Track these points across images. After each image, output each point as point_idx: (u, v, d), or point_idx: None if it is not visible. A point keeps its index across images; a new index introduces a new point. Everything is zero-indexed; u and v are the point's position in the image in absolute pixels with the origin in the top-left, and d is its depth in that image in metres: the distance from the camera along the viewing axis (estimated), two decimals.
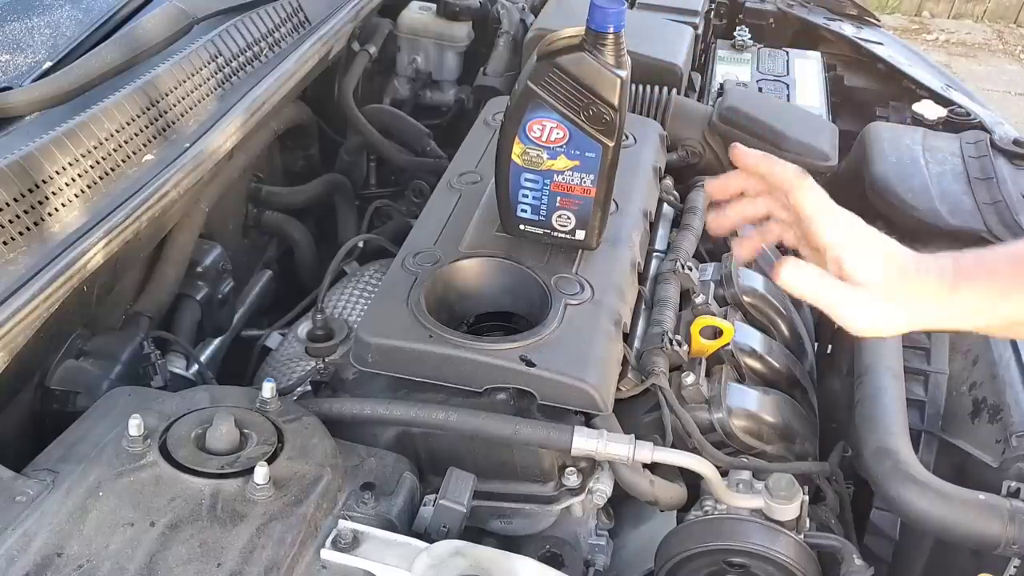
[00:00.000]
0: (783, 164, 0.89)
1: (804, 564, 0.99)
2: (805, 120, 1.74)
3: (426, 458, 1.06)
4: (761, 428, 1.17)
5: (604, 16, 1.02)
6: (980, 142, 1.73)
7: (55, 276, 1.03)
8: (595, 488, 1.06)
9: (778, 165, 0.89)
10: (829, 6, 2.38)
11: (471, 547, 0.85)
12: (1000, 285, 0.82)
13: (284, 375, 1.40)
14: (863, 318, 0.84)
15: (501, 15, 2.10)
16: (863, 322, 0.84)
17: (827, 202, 0.87)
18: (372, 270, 1.60)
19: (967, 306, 0.83)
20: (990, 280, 0.83)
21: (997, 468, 1.16)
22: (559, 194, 1.14)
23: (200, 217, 1.46)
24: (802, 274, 0.84)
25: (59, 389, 1.15)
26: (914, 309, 0.83)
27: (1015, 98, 5.23)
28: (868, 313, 0.84)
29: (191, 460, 0.90)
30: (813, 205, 0.86)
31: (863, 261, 0.84)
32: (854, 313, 0.84)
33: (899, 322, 0.84)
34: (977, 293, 0.82)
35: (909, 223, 1.57)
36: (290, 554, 0.84)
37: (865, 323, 0.84)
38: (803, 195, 0.86)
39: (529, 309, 1.14)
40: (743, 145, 0.92)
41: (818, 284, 0.84)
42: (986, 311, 0.83)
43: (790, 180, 0.88)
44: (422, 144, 1.88)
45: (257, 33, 1.52)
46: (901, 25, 5.98)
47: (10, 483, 0.89)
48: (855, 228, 0.86)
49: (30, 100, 1.17)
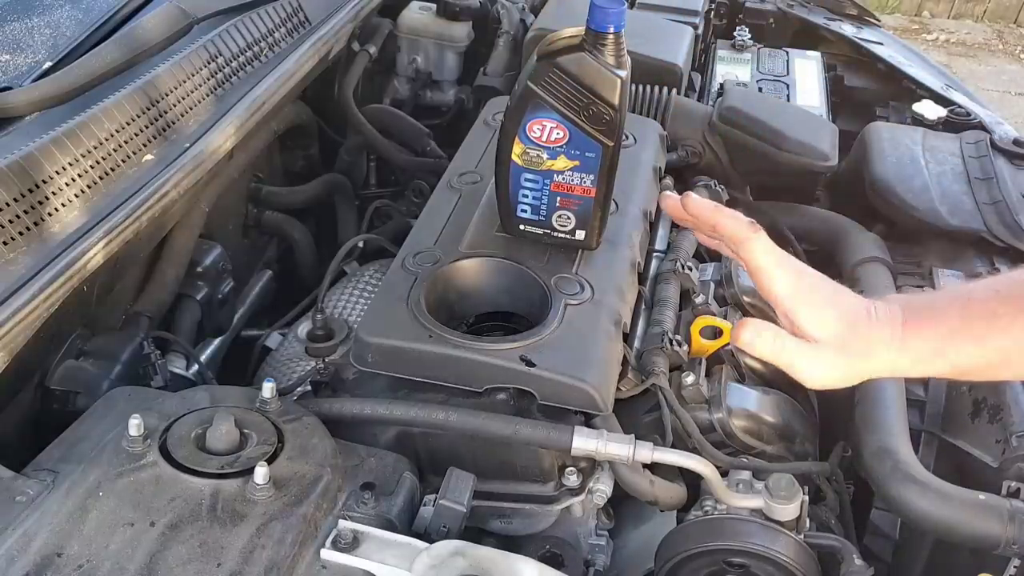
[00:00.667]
0: (735, 216, 0.88)
1: (804, 564, 0.99)
2: (805, 120, 1.73)
3: (426, 458, 1.06)
4: (761, 428, 1.17)
5: (604, 16, 1.02)
6: (980, 142, 1.73)
7: (55, 276, 1.03)
8: (595, 488, 1.06)
9: (730, 218, 0.88)
10: (829, 6, 2.38)
11: (471, 547, 0.85)
12: (949, 332, 0.81)
13: (284, 375, 1.40)
14: (817, 373, 0.84)
15: (501, 15, 2.09)
16: (818, 377, 0.84)
17: (778, 255, 0.86)
18: (372, 270, 1.60)
19: (918, 353, 0.82)
20: (939, 327, 0.82)
21: (997, 468, 1.16)
22: (559, 194, 1.14)
23: (200, 217, 1.46)
24: (759, 338, 0.84)
25: (59, 389, 1.15)
26: (867, 360, 0.83)
27: (1015, 98, 5.23)
28: (822, 369, 0.84)
29: (191, 460, 0.90)
30: (763, 259, 0.86)
31: (814, 315, 0.84)
32: (809, 369, 0.84)
33: (853, 375, 0.85)
34: (927, 340, 0.82)
35: (909, 223, 1.57)
36: (290, 554, 0.84)
37: (820, 378, 0.84)
38: (753, 248, 0.86)
39: (529, 309, 1.14)
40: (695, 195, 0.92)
41: (774, 346, 0.84)
42: (937, 358, 0.82)
43: (741, 233, 0.87)
44: (422, 144, 1.88)
45: (257, 33, 1.52)
46: (901, 25, 5.98)
47: (10, 483, 0.89)
48: (805, 281, 0.86)
49: (30, 100, 1.17)
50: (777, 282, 0.85)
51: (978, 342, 0.80)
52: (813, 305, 0.84)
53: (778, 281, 0.85)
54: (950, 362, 0.82)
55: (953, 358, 0.82)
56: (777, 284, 0.85)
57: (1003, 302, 0.80)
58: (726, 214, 0.89)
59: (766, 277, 0.86)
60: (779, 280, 0.85)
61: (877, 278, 1.44)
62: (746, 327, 0.85)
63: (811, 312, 0.84)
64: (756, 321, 0.86)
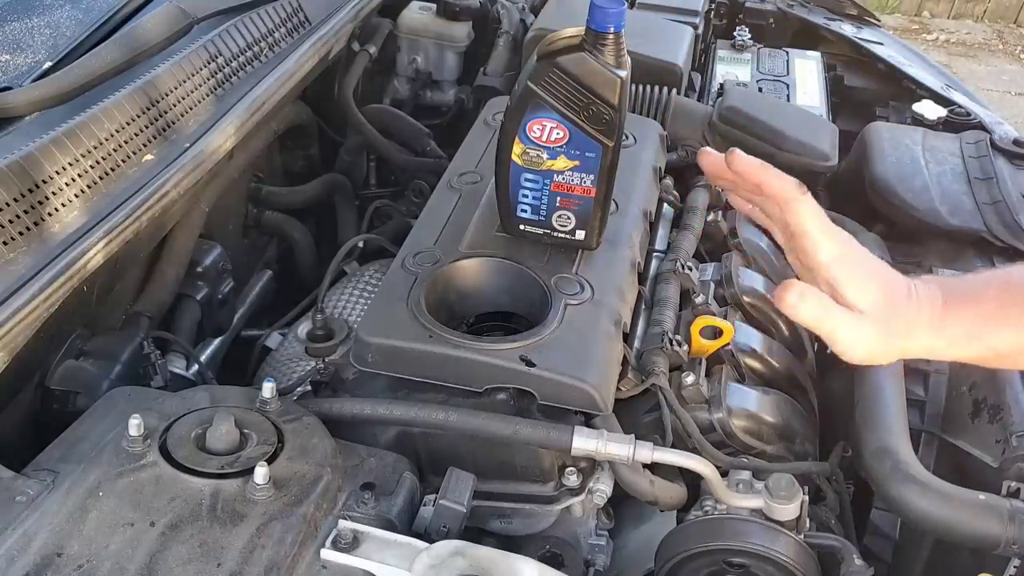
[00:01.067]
0: (781, 176, 0.85)
1: (804, 564, 0.99)
2: (805, 120, 1.73)
3: (426, 458, 1.06)
4: (761, 428, 1.17)
5: (604, 16, 1.02)
6: (980, 142, 1.73)
7: (55, 276, 1.03)
8: (595, 488, 1.06)
9: (776, 176, 0.85)
10: (829, 6, 2.38)
11: (471, 547, 0.85)
12: (987, 316, 0.81)
13: (284, 375, 1.40)
14: (860, 347, 0.82)
15: (501, 15, 2.09)
16: (859, 351, 0.82)
17: (824, 220, 0.84)
18: (372, 270, 1.60)
19: (955, 336, 0.81)
20: (977, 310, 0.81)
21: (997, 468, 1.16)
22: (559, 194, 1.14)
23: (200, 217, 1.46)
24: (804, 301, 0.81)
25: (59, 389, 1.15)
26: (906, 338, 0.82)
27: (1015, 98, 5.23)
28: (864, 341, 0.82)
29: (191, 460, 0.90)
30: (810, 222, 0.83)
31: (858, 286, 0.82)
32: (851, 340, 0.82)
33: (892, 352, 0.83)
34: (964, 324, 0.81)
35: (909, 223, 1.57)
36: (290, 554, 0.84)
37: (861, 352, 0.82)
38: (800, 209, 0.83)
39: (529, 309, 1.14)
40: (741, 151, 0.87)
41: (818, 311, 0.81)
42: (974, 342, 0.81)
43: (788, 193, 0.84)
44: (422, 144, 1.88)
45: (257, 33, 1.52)
46: (901, 25, 5.98)
47: (10, 483, 0.89)
48: (851, 250, 0.84)
49: (30, 100, 1.17)
50: (823, 247, 0.82)
51: (1016, 327, 0.80)
52: (858, 275, 0.82)
53: (824, 247, 0.82)
54: (987, 345, 0.81)
55: (990, 341, 0.81)
56: (823, 250, 0.82)
57: None
58: (773, 172, 0.85)
59: (811, 241, 0.83)
60: (825, 246, 0.82)
61: None
62: (791, 289, 0.81)
63: (856, 282, 0.81)
64: (800, 283, 0.82)
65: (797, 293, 0.81)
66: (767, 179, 0.85)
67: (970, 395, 1.28)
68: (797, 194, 0.83)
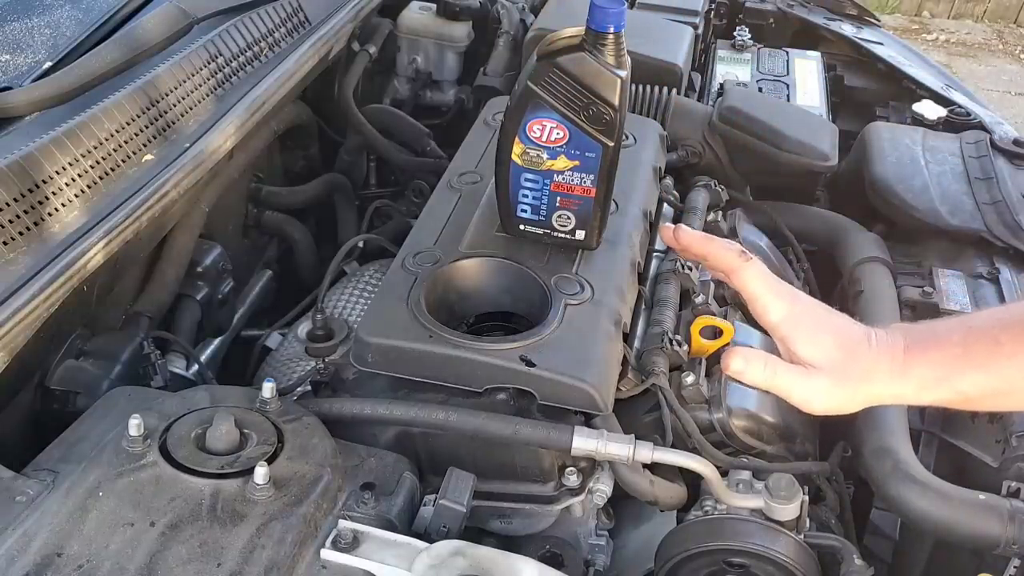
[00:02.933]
0: (724, 247, 0.88)
1: (804, 564, 0.99)
2: (805, 120, 1.73)
3: (426, 458, 1.06)
4: (761, 428, 1.17)
5: (604, 16, 1.02)
6: (980, 142, 1.73)
7: (55, 276, 1.03)
8: (595, 488, 1.06)
9: (719, 248, 0.88)
10: (829, 6, 2.38)
11: (471, 547, 0.85)
12: (953, 358, 0.81)
13: (284, 375, 1.40)
14: (816, 401, 0.83)
15: (501, 15, 2.09)
16: (818, 404, 0.83)
17: (770, 281, 0.86)
18: (372, 270, 1.60)
19: (922, 381, 0.81)
20: (942, 354, 0.81)
21: (997, 468, 1.16)
22: (559, 194, 1.14)
23: (200, 217, 1.46)
24: (749, 366, 0.83)
25: (59, 389, 1.15)
26: (867, 388, 0.82)
27: (1015, 98, 5.23)
28: (820, 395, 0.83)
29: (191, 460, 0.90)
30: (754, 287, 0.85)
31: (810, 341, 0.83)
32: (807, 395, 0.83)
33: (856, 400, 0.84)
34: (930, 367, 0.81)
35: (909, 223, 1.57)
36: (290, 554, 0.84)
37: (820, 405, 0.83)
38: (744, 276, 0.85)
39: (529, 309, 1.14)
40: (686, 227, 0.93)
41: (767, 373, 0.83)
42: (942, 384, 0.81)
43: (732, 263, 0.86)
44: (422, 144, 1.88)
45: (257, 33, 1.52)
46: (901, 25, 5.98)
47: (10, 483, 0.89)
48: (800, 307, 0.85)
49: (30, 100, 1.17)
50: (772, 309, 0.85)
51: (982, 369, 0.80)
52: (809, 331, 0.84)
53: (772, 308, 0.85)
54: (955, 389, 0.81)
55: (958, 385, 0.81)
56: (772, 311, 0.85)
57: (1005, 329, 0.80)
58: (716, 244, 0.89)
59: (760, 305, 0.85)
60: (773, 307, 0.85)
61: (877, 278, 1.44)
62: (735, 355, 0.84)
63: (808, 338, 0.83)
64: (744, 349, 0.85)
65: (742, 359, 0.84)
66: (711, 251, 0.89)
67: None
68: (741, 262, 0.86)
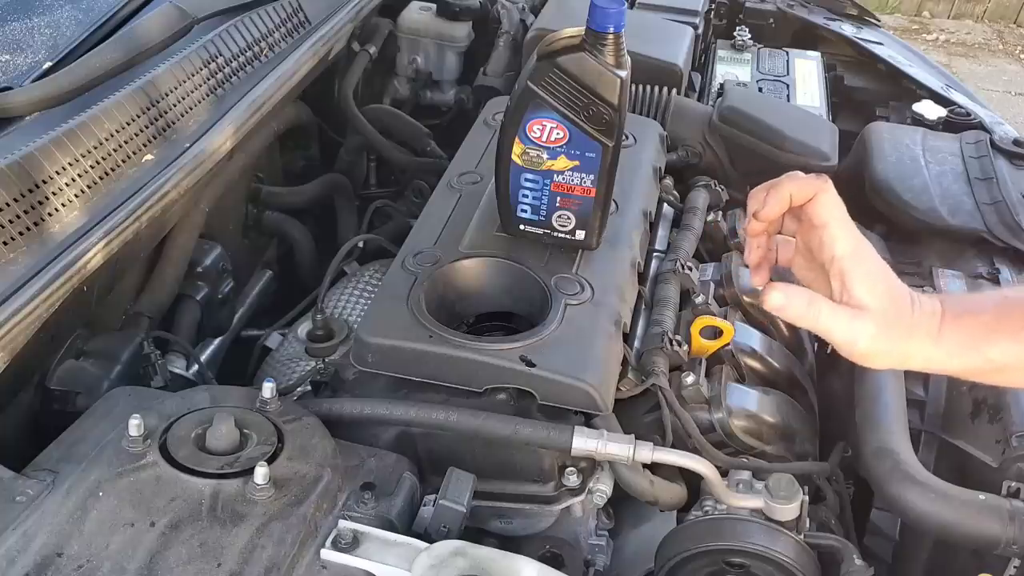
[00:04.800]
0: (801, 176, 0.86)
1: (804, 564, 0.99)
2: (805, 120, 1.74)
3: (426, 458, 1.06)
4: (761, 428, 1.17)
5: (604, 16, 1.02)
6: (980, 142, 1.73)
7: (55, 276, 1.03)
8: (595, 488, 1.06)
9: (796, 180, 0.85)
10: (829, 6, 2.38)
11: (471, 547, 0.85)
12: (984, 326, 0.81)
13: (284, 375, 1.40)
14: (861, 342, 0.81)
15: (501, 15, 2.10)
16: (860, 346, 0.81)
17: (844, 214, 0.84)
18: (372, 270, 1.60)
19: (953, 347, 0.81)
20: (975, 321, 0.81)
21: (997, 468, 1.16)
22: (559, 194, 1.14)
23: (200, 217, 1.46)
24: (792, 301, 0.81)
25: (59, 389, 1.15)
26: (904, 346, 0.82)
27: (1015, 98, 5.23)
28: (865, 339, 0.81)
29: (191, 460, 0.90)
30: (829, 213, 0.83)
31: (867, 283, 0.81)
32: (851, 338, 0.81)
33: (892, 355, 0.83)
34: (962, 334, 0.81)
35: (909, 223, 1.57)
36: (290, 554, 0.84)
37: (862, 347, 0.81)
38: (823, 199, 0.83)
39: (529, 309, 1.14)
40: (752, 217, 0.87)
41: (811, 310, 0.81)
42: (971, 352, 0.81)
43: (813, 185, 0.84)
44: (422, 144, 1.88)
45: (257, 33, 1.52)
46: (901, 25, 5.97)
47: (10, 483, 0.89)
48: (864, 248, 0.84)
49: (30, 100, 1.17)
50: (839, 240, 0.82)
51: (1013, 337, 0.80)
52: (869, 272, 0.82)
53: (840, 239, 0.82)
54: (984, 356, 0.81)
55: (987, 352, 0.81)
56: (839, 243, 0.82)
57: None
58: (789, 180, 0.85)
59: (829, 233, 0.83)
60: (841, 238, 0.82)
61: None
62: (774, 290, 0.81)
63: (866, 279, 0.81)
64: (784, 284, 0.82)
65: (783, 294, 0.82)
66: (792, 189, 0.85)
67: (970, 395, 1.28)
68: (824, 185, 0.84)
